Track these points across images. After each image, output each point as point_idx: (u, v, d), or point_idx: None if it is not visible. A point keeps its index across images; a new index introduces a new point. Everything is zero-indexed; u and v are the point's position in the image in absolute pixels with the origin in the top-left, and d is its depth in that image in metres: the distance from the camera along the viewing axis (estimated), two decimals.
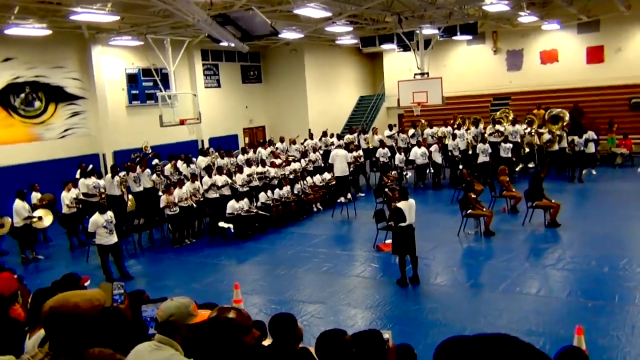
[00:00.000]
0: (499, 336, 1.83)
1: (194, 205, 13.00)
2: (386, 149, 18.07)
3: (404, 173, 17.20)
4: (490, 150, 16.83)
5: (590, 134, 17.17)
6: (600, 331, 6.82)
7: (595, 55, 23.27)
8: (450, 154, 17.54)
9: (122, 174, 13.91)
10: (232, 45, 11.76)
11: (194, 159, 15.98)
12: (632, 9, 20.46)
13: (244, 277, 10.31)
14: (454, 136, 17.74)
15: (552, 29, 22.91)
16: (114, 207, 11.91)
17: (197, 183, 13.63)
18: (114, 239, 10.39)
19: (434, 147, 17.28)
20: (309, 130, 21.25)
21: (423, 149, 17.23)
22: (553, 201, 12.05)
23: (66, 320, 2.21)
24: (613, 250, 10.11)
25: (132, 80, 20.01)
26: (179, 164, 15.30)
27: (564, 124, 18.88)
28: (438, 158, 17.28)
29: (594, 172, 17.34)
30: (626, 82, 21.90)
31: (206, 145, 21.14)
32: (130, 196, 14.20)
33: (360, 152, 18.00)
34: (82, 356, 2.26)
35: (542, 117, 20.07)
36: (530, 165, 18.39)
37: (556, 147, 17.73)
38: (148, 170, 14.45)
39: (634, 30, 22.38)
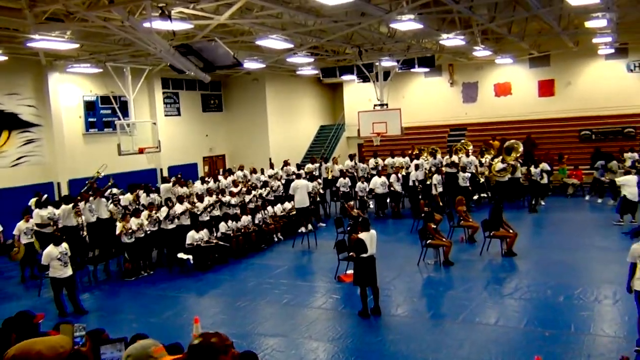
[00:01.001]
0: None
1: (148, 232, 12.67)
2: (347, 178, 18.20)
3: (366, 203, 17.35)
4: (443, 181, 17.21)
5: (544, 165, 17.72)
6: None
7: (546, 88, 24.20)
8: (413, 184, 17.77)
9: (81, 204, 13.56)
10: (194, 74, 11.74)
11: (153, 188, 15.71)
12: (580, 45, 21.43)
13: (203, 310, 10.13)
14: (417, 167, 18.01)
15: (505, 62, 23.76)
16: (69, 239, 11.56)
17: (154, 212, 13.36)
18: (68, 271, 10.07)
19: (393, 177, 17.53)
20: (270, 159, 21.27)
21: (383, 178, 17.44)
22: (511, 231, 12.33)
23: None
24: (567, 279, 10.38)
25: (90, 107, 19.67)
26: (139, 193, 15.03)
27: (518, 155, 19.46)
28: (398, 187, 17.50)
29: (542, 202, 17.85)
30: (576, 114, 22.83)
31: (165, 173, 20.86)
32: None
33: (318, 183, 18.07)
34: None
35: (498, 148, 20.66)
36: (484, 195, 18.81)
37: (507, 177, 18.21)
38: (104, 200, 14.10)
39: (582, 65, 23.42)
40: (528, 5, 13.38)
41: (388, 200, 17.94)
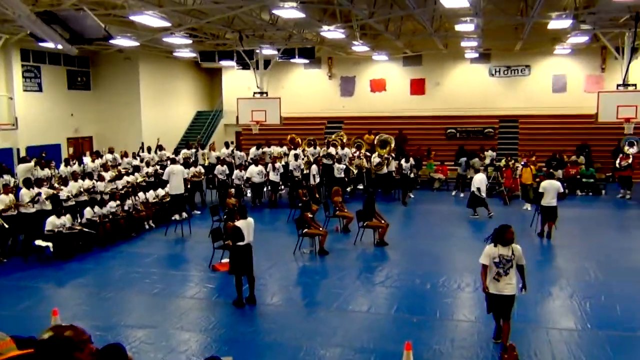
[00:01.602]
0: None
1: (4, 224, 11.50)
2: (224, 166, 17.81)
3: (243, 192, 17.10)
4: (319, 172, 17.48)
5: (411, 160, 18.57)
6: (425, 345, 7.26)
7: (417, 87, 25.47)
8: (290, 174, 17.78)
9: None
10: (59, 47, 10.75)
11: (10, 169, 14.31)
12: (449, 48, 22.75)
13: (64, 301, 9.36)
14: (296, 156, 18.04)
15: (381, 59, 24.62)
16: None
17: (11, 196, 12.16)
18: None
19: (269, 167, 17.44)
20: (142, 143, 20.25)
21: (260, 167, 17.30)
22: (383, 221, 12.76)
23: None
24: (433, 267, 10.94)
25: None
26: None
27: (391, 149, 20.26)
28: (274, 177, 17.45)
29: (411, 195, 18.77)
30: (443, 113, 24.27)
31: (22, 153, 19.08)
32: None
33: (201, 169, 17.55)
34: None
35: (372, 141, 21.37)
36: (360, 186, 19.38)
37: (385, 170, 18.91)
38: None
39: (450, 67, 24.92)
40: (405, 4, 13.88)
41: (265, 190, 17.86)
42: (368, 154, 19.80)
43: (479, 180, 15.35)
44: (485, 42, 20.88)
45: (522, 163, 18.15)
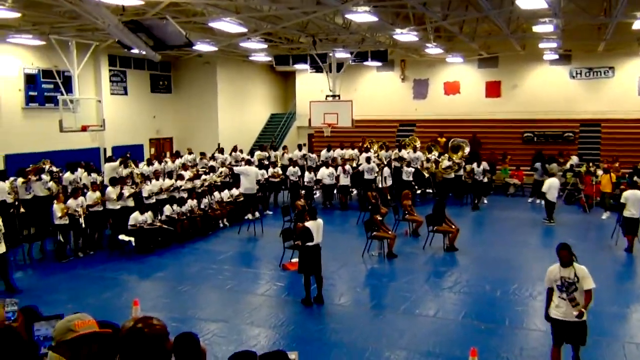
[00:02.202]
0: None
1: (82, 221, 12.20)
2: (297, 167, 18.16)
3: (314, 193, 17.38)
4: (390, 175, 17.47)
5: (484, 165, 18.16)
6: (492, 353, 7.17)
7: (493, 89, 24.85)
8: (360, 176, 17.85)
9: (11, 179, 13.05)
10: (143, 53, 11.39)
11: (94, 167, 15.29)
12: (526, 49, 22.08)
13: (144, 293, 9.93)
14: (368, 159, 18.12)
15: (455, 61, 24.22)
16: (3, 215, 11.06)
17: (98, 192, 12.99)
18: (1, 248, 9.63)
19: (339, 169, 17.56)
20: (219, 144, 20.96)
21: (331, 169, 17.49)
22: (453, 226, 12.62)
23: None
24: (505, 274, 10.72)
25: (31, 81, 18.82)
26: (80, 172, 14.60)
27: (464, 153, 19.93)
28: (344, 179, 17.57)
29: (485, 200, 18.38)
30: (520, 117, 23.53)
31: (109, 153, 20.25)
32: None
33: (279, 170, 17.99)
34: None
35: (444, 145, 21.08)
36: (429, 190, 19.17)
37: (452, 174, 18.62)
38: (46, 177, 13.69)
39: (528, 69, 24.15)
40: (480, 6, 13.66)
41: (335, 192, 18.04)
42: (437, 158, 19.55)
43: (549, 184, 14.93)
44: (565, 43, 20.10)
45: (603, 169, 17.36)
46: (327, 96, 19.65)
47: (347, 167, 17.79)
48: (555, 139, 22.89)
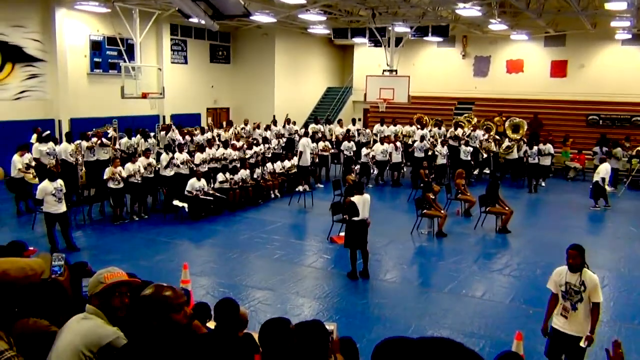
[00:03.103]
0: (442, 340, 1.76)
1: (137, 182, 12.58)
2: (352, 142, 18.08)
3: (371, 169, 17.32)
4: (448, 153, 17.11)
5: (548, 147, 17.49)
6: (539, 338, 6.96)
7: (559, 69, 23.84)
8: (413, 153, 17.61)
9: (77, 142, 13.57)
10: (202, 22, 11.50)
11: (151, 134, 15.74)
12: (597, 27, 21.02)
13: (194, 257, 10.20)
14: (422, 137, 17.81)
15: (520, 39, 23.35)
16: (65, 176, 11.57)
17: (152, 159, 13.35)
18: (62, 207, 10.09)
19: (390, 146, 17.32)
20: (274, 116, 21.11)
21: (385, 145, 17.31)
22: (507, 208, 12.30)
23: None
24: (558, 260, 10.27)
25: (96, 47, 19.42)
26: (137, 138, 15.06)
27: (524, 133, 19.29)
28: (396, 156, 17.37)
29: (543, 183, 17.80)
30: (585, 98, 22.52)
31: (167, 121, 20.74)
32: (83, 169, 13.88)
33: (329, 144, 17.98)
34: (13, 325, 2.16)
35: (502, 124, 20.47)
36: (486, 170, 18.73)
37: (515, 155, 18.09)
38: (107, 142, 14.25)
39: (597, 49, 23.00)
40: None
41: (387, 169, 17.88)
42: (498, 137, 19.01)
43: (604, 170, 14.32)
44: (639, 22, 19.02)
45: None
46: (384, 71, 19.36)
47: (398, 144, 17.57)
48: (622, 122, 21.83)
